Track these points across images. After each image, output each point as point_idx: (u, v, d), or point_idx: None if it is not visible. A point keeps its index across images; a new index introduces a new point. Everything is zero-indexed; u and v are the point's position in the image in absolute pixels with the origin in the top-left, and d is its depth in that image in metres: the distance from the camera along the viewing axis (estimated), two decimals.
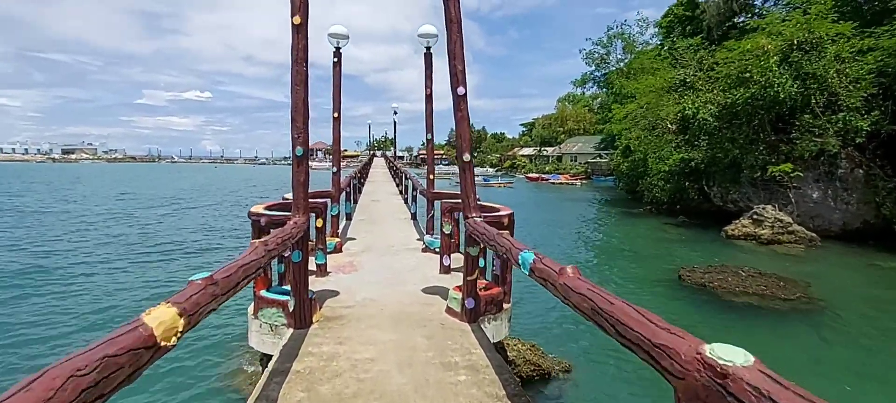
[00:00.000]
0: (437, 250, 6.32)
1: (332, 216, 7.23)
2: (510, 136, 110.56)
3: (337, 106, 7.46)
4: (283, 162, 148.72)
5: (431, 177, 8.39)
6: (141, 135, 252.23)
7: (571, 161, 69.04)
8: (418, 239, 8.39)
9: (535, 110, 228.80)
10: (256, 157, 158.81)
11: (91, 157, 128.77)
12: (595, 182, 54.37)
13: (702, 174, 20.20)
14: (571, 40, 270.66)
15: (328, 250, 5.81)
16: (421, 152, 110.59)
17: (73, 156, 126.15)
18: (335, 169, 8.07)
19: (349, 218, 10.45)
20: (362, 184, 18.33)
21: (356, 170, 13.51)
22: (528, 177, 57.17)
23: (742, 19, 22.68)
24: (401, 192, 16.28)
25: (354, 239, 8.37)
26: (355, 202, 12.97)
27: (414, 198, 11.62)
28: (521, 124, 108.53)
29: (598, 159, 63.90)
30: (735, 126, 17.24)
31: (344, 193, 9.72)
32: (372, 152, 50.78)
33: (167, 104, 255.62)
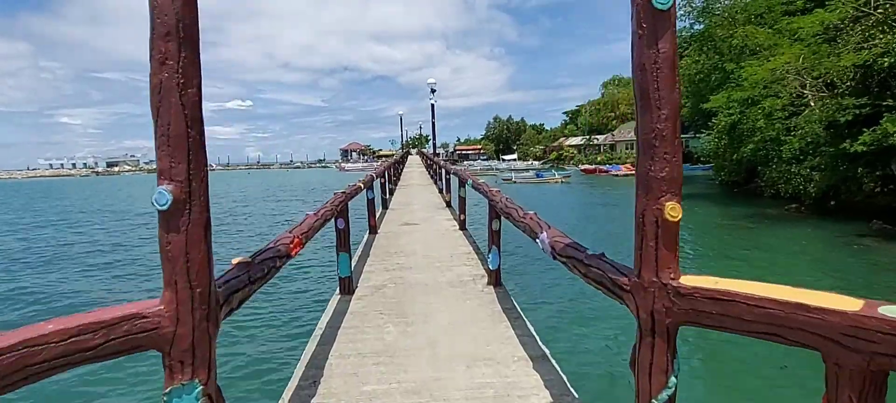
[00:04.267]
0: None
1: None
2: (549, 128, 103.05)
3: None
4: (317, 165, 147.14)
5: None
6: None
7: (627, 149, 61.38)
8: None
9: (571, 100, 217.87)
10: (291, 161, 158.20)
11: (133, 169, 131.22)
12: None
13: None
14: (606, 26, 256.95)
15: None
16: (458, 148, 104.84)
17: (116, 169, 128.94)
18: None
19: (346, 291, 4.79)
20: (388, 197, 12.64)
21: (368, 176, 7.52)
22: (583, 170, 50.23)
23: None
24: (444, 199, 10.62)
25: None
26: (372, 231, 7.40)
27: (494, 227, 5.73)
28: (564, 113, 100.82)
29: None
30: None
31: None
32: (406, 150, 45.40)
33: (212, 114, 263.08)
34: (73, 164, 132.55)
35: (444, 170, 12.08)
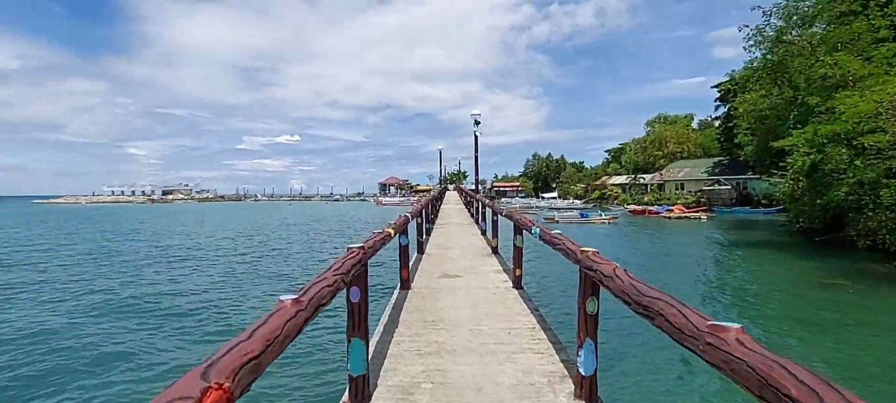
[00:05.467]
0: None
1: None
2: (589, 166, 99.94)
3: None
4: (356, 198, 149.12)
5: None
6: (239, 176, 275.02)
7: (677, 189, 57.84)
8: None
9: (611, 139, 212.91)
10: (332, 194, 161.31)
11: (185, 197, 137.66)
12: (719, 214, 43.26)
13: None
14: (648, 66, 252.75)
15: None
16: (495, 185, 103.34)
17: (170, 197, 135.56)
18: None
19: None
20: (424, 238, 11.27)
21: (401, 218, 5.97)
22: (631, 210, 47.27)
23: None
24: (490, 244, 9.09)
25: None
26: (404, 286, 5.97)
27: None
28: (606, 151, 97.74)
29: (715, 186, 52.37)
30: None
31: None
32: (444, 185, 44.50)
33: (262, 148, 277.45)
34: (133, 192, 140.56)
35: (489, 211, 10.61)
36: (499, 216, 9.05)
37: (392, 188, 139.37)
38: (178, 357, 7.75)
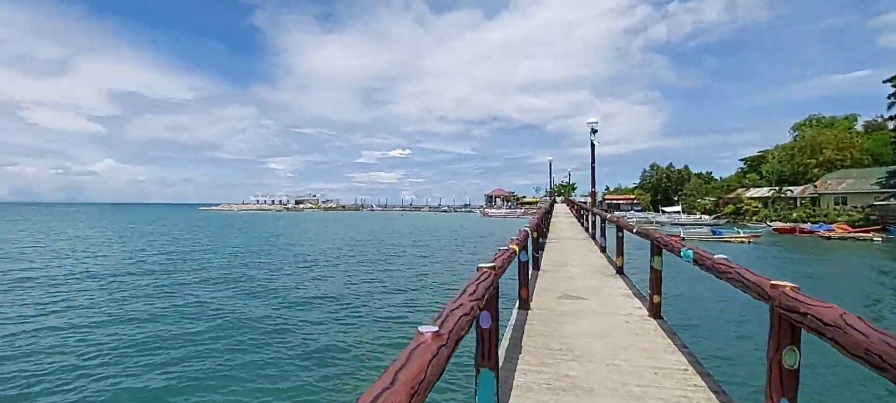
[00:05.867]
0: None
1: None
2: (718, 177, 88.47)
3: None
4: (462, 209, 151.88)
5: None
6: (357, 187, 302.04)
7: (837, 204, 48.45)
8: None
9: (745, 145, 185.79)
10: (440, 205, 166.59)
11: (313, 206, 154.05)
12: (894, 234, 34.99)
13: None
14: (790, 62, 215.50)
15: None
16: (607, 197, 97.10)
17: (301, 206, 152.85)
18: None
19: None
20: (539, 254, 10.76)
21: (522, 232, 5.56)
22: (776, 229, 40.63)
23: None
24: (615, 263, 8.21)
25: None
26: (523, 306, 5.61)
27: None
28: (741, 160, 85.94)
29: (891, 201, 42.56)
30: None
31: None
32: (552, 197, 43.05)
33: (377, 161, 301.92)
34: (272, 201, 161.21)
35: (610, 226, 9.71)
36: (624, 232, 8.18)
37: (498, 200, 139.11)
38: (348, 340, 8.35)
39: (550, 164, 54.19)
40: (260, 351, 8.61)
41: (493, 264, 2.90)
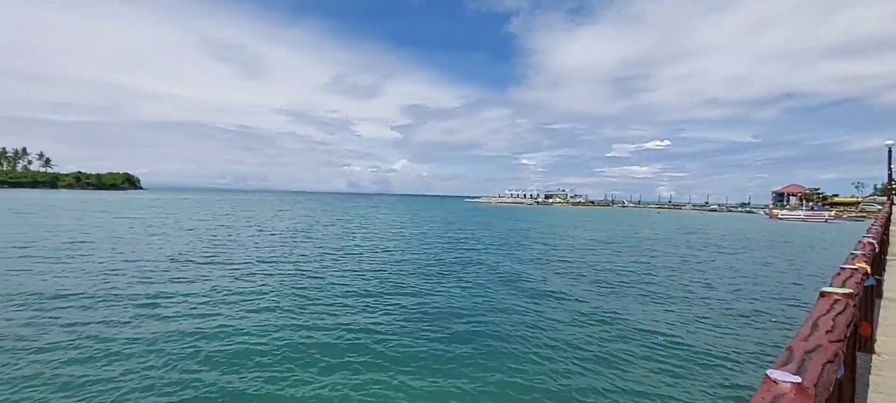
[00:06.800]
0: None
1: None
2: None
3: None
4: (738, 209, 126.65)
5: None
6: (608, 182, 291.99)
7: None
8: None
9: None
10: (707, 203, 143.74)
11: (562, 201, 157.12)
12: None
13: None
14: None
15: None
16: None
17: (550, 200, 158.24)
18: None
19: None
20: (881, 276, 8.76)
21: (867, 245, 4.30)
22: None
23: None
24: None
25: None
26: (863, 348, 3.91)
27: None
28: None
29: None
30: None
31: None
32: (890, 198, 32.16)
33: (630, 155, 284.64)
34: (524, 194, 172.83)
35: None
36: None
37: (792, 198, 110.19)
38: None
39: (890, 152, 39.42)
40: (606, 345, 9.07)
41: (849, 291, 2.07)
